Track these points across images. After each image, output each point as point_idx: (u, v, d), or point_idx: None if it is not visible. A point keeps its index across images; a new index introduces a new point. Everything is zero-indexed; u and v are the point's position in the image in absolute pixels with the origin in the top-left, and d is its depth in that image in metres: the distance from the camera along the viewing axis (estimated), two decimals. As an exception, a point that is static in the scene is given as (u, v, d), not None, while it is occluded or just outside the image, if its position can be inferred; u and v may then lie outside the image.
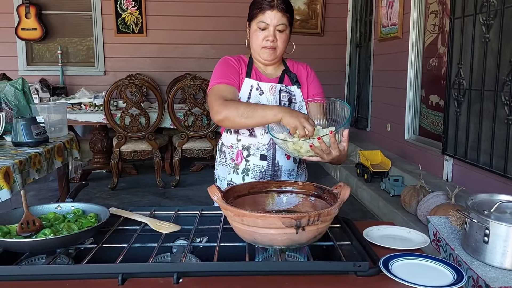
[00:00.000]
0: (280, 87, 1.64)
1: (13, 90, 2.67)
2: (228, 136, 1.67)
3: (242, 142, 1.63)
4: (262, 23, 1.55)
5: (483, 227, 1.16)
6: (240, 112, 1.44)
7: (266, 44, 1.57)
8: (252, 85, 1.61)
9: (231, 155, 1.67)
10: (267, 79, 1.65)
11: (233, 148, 1.66)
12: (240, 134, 1.62)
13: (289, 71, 1.69)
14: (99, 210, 1.17)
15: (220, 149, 1.73)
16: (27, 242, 0.98)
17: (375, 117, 5.21)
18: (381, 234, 1.22)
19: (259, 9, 1.55)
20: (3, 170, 1.89)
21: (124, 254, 1.01)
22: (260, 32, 1.56)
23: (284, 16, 1.55)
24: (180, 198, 4.22)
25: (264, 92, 1.61)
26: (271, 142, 1.60)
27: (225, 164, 1.70)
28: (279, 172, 1.64)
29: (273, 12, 1.53)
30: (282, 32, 1.56)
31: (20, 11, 5.49)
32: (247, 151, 1.63)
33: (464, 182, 3.21)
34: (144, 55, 5.84)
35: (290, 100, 1.63)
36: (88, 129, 5.39)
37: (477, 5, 2.98)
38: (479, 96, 2.98)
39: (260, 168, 1.62)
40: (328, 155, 1.33)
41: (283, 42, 1.58)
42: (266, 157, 1.62)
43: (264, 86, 1.62)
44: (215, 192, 1.06)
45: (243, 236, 1.03)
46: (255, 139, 1.61)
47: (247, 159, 1.63)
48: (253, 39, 1.60)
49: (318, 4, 5.94)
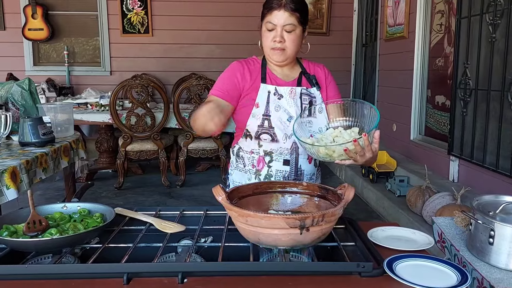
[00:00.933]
0: (301, 90, 1.60)
1: (20, 90, 2.69)
2: (248, 141, 1.61)
3: (264, 147, 1.58)
4: (270, 24, 1.52)
5: (488, 228, 1.16)
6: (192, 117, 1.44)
7: (274, 46, 1.54)
8: (269, 90, 1.58)
9: (251, 161, 1.62)
10: (284, 83, 1.61)
11: (253, 153, 1.61)
12: (261, 140, 1.58)
13: (306, 73, 1.65)
14: (104, 210, 1.18)
15: (237, 154, 1.67)
16: (34, 242, 0.99)
17: (380, 117, 5.19)
18: (385, 235, 1.22)
19: (267, 9, 1.53)
20: (10, 170, 1.91)
21: (129, 254, 1.02)
22: (268, 33, 1.54)
23: (292, 16, 1.50)
24: (185, 197, 4.23)
25: (283, 96, 1.58)
26: (294, 146, 1.57)
27: (244, 169, 1.64)
28: (302, 176, 1.60)
29: (280, 11, 1.50)
30: (290, 33, 1.52)
31: (27, 11, 5.52)
32: (270, 156, 1.58)
33: (470, 182, 3.19)
34: (150, 55, 5.86)
35: (311, 103, 1.60)
36: (94, 129, 5.42)
37: (483, 5, 2.96)
38: (485, 96, 2.96)
39: (283, 174, 1.58)
40: (362, 158, 1.30)
41: (292, 42, 1.54)
42: (289, 162, 1.58)
43: (283, 90, 1.58)
44: (220, 193, 1.06)
45: (247, 237, 1.04)
46: (278, 144, 1.57)
47: (269, 164, 1.58)
48: (263, 40, 1.58)
49: (324, 4, 5.93)
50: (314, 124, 1.54)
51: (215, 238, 1.20)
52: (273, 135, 1.56)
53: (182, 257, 1.11)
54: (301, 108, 1.58)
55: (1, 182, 1.86)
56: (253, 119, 1.57)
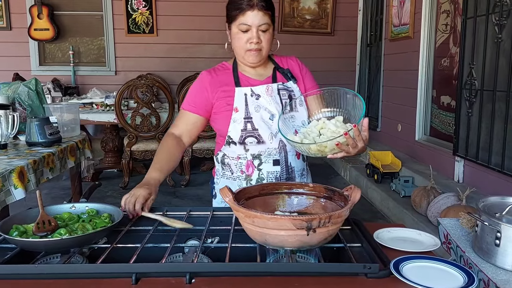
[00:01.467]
0: (278, 86, 1.57)
1: (27, 90, 2.71)
2: (233, 147, 1.56)
3: (251, 151, 1.54)
4: (244, 25, 1.47)
5: (495, 230, 1.16)
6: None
7: (250, 47, 1.49)
8: (245, 92, 1.54)
9: (239, 167, 1.57)
10: (259, 82, 1.58)
11: (241, 159, 1.56)
12: (247, 144, 1.54)
13: (280, 68, 1.61)
14: (112, 210, 1.19)
15: (222, 161, 1.62)
16: (43, 242, 1.00)
17: (385, 117, 5.19)
18: (391, 236, 1.22)
19: (238, 10, 1.46)
20: (18, 170, 1.92)
21: (137, 254, 1.03)
22: (242, 35, 1.48)
23: (265, 15, 1.47)
24: (190, 197, 4.24)
25: (261, 95, 1.54)
26: (281, 144, 1.54)
27: (232, 177, 1.60)
28: (293, 173, 1.58)
29: (254, 11, 1.45)
30: (265, 32, 1.49)
31: (33, 11, 5.55)
32: (258, 159, 1.54)
33: (476, 183, 3.19)
34: (154, 55, 5.88)
35: (290, 97, 1.56)
36: (99, 129, 5.44)
37: (489, 5, 2.95)
38: (491, 96, 2.96)
39: (275, 174, 1.54)
40: (354, 149, 1.28)
41: (267, 42, 1.51)
42: (279, 162, 1.54)
43: (259, 89, 1.55)
44: (227, 194, 1.07)
45: (254, 237, 1.04)
46: (265, 145, 1.53)
47: (259, 168, 1.55)
48: (235, 42, 1.52)
49: (329, 4, 5.93)
50: (297, 118, 1.51)
51: (222, 239, 1.20)
52: (258, 137, 1.52)
53: (189, 257, 1.12)
54: (282, 104, 1.54)
55: (9, 182, 1.88)
56: (234, 124, 1.53)
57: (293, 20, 5.94)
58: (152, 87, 4.27)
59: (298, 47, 5.88)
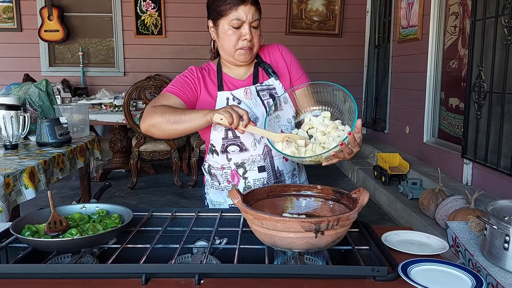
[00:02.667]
0: (256, 88, 1.49)
1: (38, 91, 2.74)
2: (215, 157, 1.49)
3: (234, 160, 1.47)
4: (236, 21, 1.39)
5: (503, 233, 1.16)
6: (167, 118, 1.32)
7: (242, 45, 1.42)
8: (228, 97, 1.47)
9: (225, 177, 1.51)
10: (240, 83, 1.51)
11: (225, 169, 1.50)
12: (229, 152, 1.47)
13: (262, 63, 1.53)
14: (122, 211, 1.20)
15: (209, 171, 1.56)
16: (55, 242, 1.02)
17: (393, 119, 5.17)
18: (399, 239, 1.22)
19: (230, 5, 1.38)
20: (29, 170, 1.95)
21: (146, 255, 1.04)
22: (233, 31, 1.41)
23: (257, 10, 1.41)
24: (197, 198, 4.26)
25: (241, 100, 1.47)
26: (266, 150, 1.47)
27: (220, 187, 1.54)
28: (282, 177, 1.51)
29: (247, 6, 1.38)
30: (256, 29, 1.43)
31: (43, 13, 5.61)
32: (242, 168, 1.47)
33: (484, 186, 3.17)
34: (163, 56, 5.91)
35: (272, 96, 1.49)
36: (108, 129, 5.48)
37: (499, 7, 2.94)
38: (500, 99, 2.94)
39: (262, 181, 1.47)
40: (350, 154, 1.24)
41: (258, 38, 1.45)
42: (264, 168, 1.47)
43: (238, 93, 1.47)
44: (236, 195, 1.08)
45: (263, 239, 1.05)
46: (248, 152, 1.46)
47: (244, 176, 1.47)
48: (225, 40, 1.44)
49: (337, 5, 5.93)
50: (282, 118, 1.44)
51: (230, 240, 1.21)
52: (240, 144, 1.45)
53: (197, 258, 1.13)
54: (264, 106, 1.47)
55: (20, 181, 1.91)
56: (215, 132, 1.46)
57: (301, 21, 5.94)
58: (160, 88, 4.30)
59: (306, 48, 5.88)
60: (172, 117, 1.32)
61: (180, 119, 1.32)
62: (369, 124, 5.73)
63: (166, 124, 1.33)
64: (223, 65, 1.55)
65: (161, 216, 1.30)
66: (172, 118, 1.32)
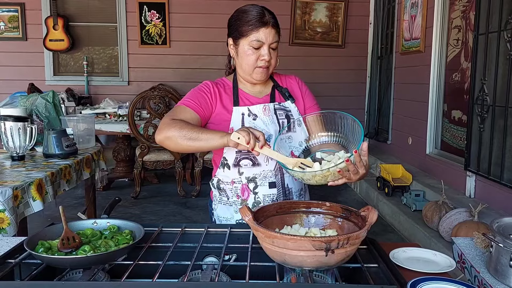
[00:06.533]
0: (274, 106, 1.54)
1: (44, 102, 2.77)
2: (226, 171, 1.52)
3: (246, 174, 1.50)
4: (257, 42, 1.45)
5: (509, 251, 1.17)
6: (184, 133, 1.34)
7: (260, 64, 1.48)
8: (243, 112, 1.51)
9: (234, 192, 1.53)
10: (257, 100, 1.56)
11: (235, 183, 1.52)
12: (241, 166, 1.50)
13: (279, 86, 1.60)
14: (133, 227, 1.22)
15: (217, 186, 1.58)
16: (69, 259, 1.03)
17: (396, 130, 5.19)
18: (407, 256, 1.23)
19: (252, 26, 1.45)
20: (37, 182, 1.97)
21: (159, 271, 1.05)
22: (252, 51, 1.47)
23: (277, 33, 1.48)
24: (201, 208, 4.27)
25: (258, 116, 1.51)
26: (278, 166, 1.49)
27: (229, 202, 1.56)
28: (291, 195, 1.54)
29: (268, 29, 1.45)
30: (274, 50, 1.50)
31: (48, 22, 5.66)
32: (254, 182, 1.50)
33: (487, 198, 3.18)
34: (167, 66, 5.95)
35: (288, 117, 1.54)
36: (111, 138, 5.51)
37: (501, 22, 2.97)
38: (503, 112, 2.96)
39: (272, 197, 1.51)
40: (356, 175, 1.27)
41: (275, 59, 1.51)
42: (275, 184, 1.51)
43: (256, 109, 1.52)
44: (246, 213, 1.09)
45: (273, 257, 1.06)
46: (260, 167, 1.49)
47: (254, 191, 1.50)
48: (244, 59, 1.50)
49: (340, 17, 5.98)
50: (294, 139, 1.50)
51: (239, 256, 1.22)
52: (253, 159, 1.48)
53: (207, 274, 1.14)
54: (279, 124, 1.52)
55: (28, 194, 1.92)
56: None
57: (304, 32, 5.99)
58: (164, 98, 4.33)
59: (309, 59, 5.92)
60: (189, 133, 1.35)
61: (198, 137, 1.34)
62: (372, 135, 5.74)
63: (182, 139, 1.35)
64: (239, 81, 1.60)
65: (171, 232, 1.32)
66: (189, 134, 1.35)
